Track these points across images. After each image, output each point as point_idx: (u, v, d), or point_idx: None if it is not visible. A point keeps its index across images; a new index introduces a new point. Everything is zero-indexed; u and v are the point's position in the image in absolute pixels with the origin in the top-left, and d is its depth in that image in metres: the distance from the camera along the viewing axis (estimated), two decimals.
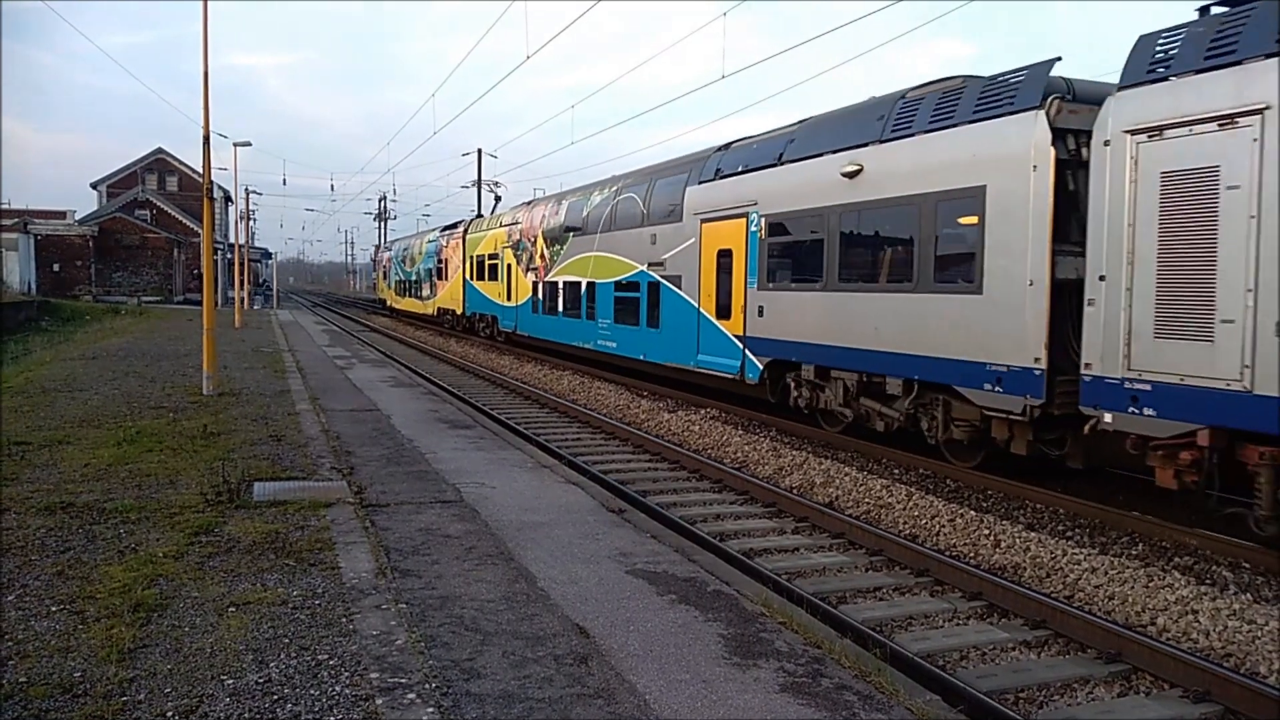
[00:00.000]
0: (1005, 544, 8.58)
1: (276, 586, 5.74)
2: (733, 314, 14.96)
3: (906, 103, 11.42)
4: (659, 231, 17.70)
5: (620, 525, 7.63)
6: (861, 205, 11.81)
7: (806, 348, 12.99)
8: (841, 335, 12.17)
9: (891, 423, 11.68)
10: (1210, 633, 6.60)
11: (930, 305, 10.63)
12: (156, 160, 66.19)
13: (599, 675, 4.58)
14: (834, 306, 12.35)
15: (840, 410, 12.66)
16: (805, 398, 13.40)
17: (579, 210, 22.51)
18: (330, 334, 35.04)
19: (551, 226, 24.40)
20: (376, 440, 11.30)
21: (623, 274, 19.38)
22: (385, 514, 7.67)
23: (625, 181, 20.38)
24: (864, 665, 4.89)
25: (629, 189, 19.76)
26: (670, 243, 17.10)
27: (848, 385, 12.38)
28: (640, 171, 19.89)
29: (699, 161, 16.81)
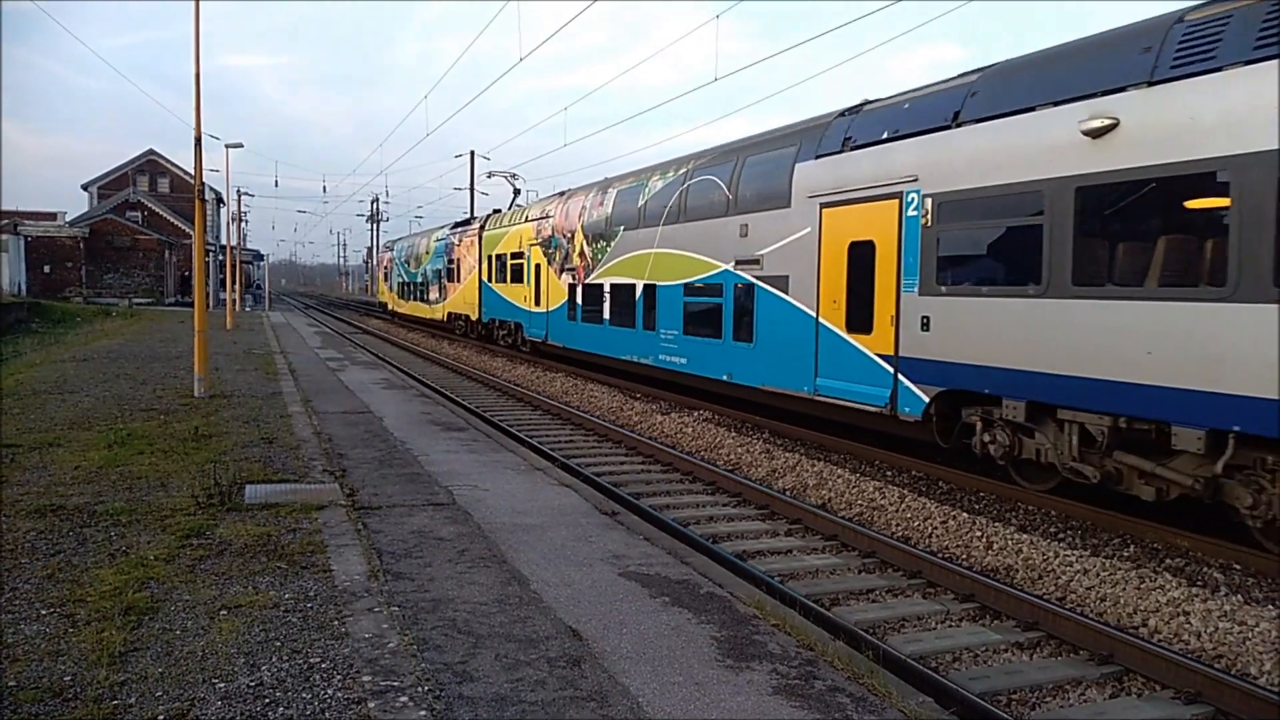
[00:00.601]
0: (998, 546, 8.59)
1: (268, 589, 5.72)
2: (874, 327, 11.41)
3: (1195, 25, 8.07)
4: (752, 221, 14.15)
5: (613, 527, 7.62)
6: (1118, 176, 8.33)
7: (1012, 376, 9.40)
8: (1082, 361, 8.63)
9: (1171, 490, 8.30)
10: (1201, 634, 6.62)
11: (1263, 319, 7.18)
12: (148, 162, 66.05)
13: (592, 678, 4.57)
14: (1065, 319, 8.79)
15: (1074, 466, 8.97)
16: (1001, 444, 9.78)
17: (632, 199, 18.94)
18: (322, 336, 34.96)
19: (595, 220, 20.79)
20: (369, 442, 11.27)
21: (697, 274, 15.92)
22: (377, 516, 7.65)
23: (699, 162, 16.48)
24: (857, 667, 4.89)
25: (705, 170, 16.08)
26: (770, 235, 13.57)
27: (1090, 432, 8.77)
28: (720, 149, 16.11)
29: (812, 131, 13.10)
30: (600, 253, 20.37)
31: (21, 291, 49.35)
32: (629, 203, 19.09)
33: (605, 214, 20.21)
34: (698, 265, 15.88)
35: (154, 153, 66.56)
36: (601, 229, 20.35)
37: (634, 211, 18.71)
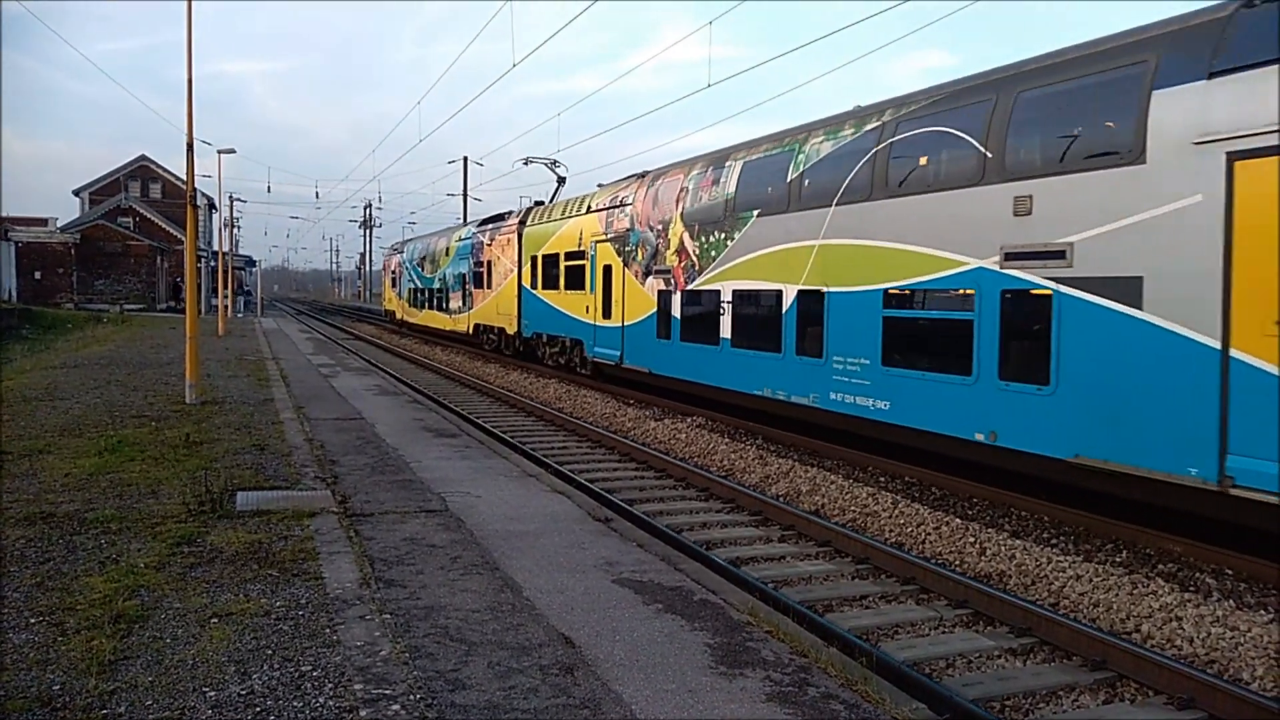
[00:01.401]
0: (991, 551, 8.60)
1: (259, 597, 5.69)
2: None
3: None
4: (1043, 191, 9.23)
5: (606, 534, 7.60)
6: None
7: None
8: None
9: None
10: (1194, 639, 6.63)
11: None
12: (140, 167, 65.84)
13: (585, 685, 4.56)
14: None
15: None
16: None
17: (771, 173, 13.87)
18: (315, 342, 34.88)
19: (704, 205, 15.62)
20: (361, 449, 11.24)
21: (912, 275, 10.90)
22: (370, 523, 7.62)
23: (910, 109, 11.28)
24: (850, 674, 4.88)
25: (925, 119, 10.96)
26: (1090, 210, 8.70)
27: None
28: (957, 86, 10.82)
29: (1193, 32, 8.17)
30: (715, 248, 15.08)
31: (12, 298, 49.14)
32: (767, 178, 13.91)
33: (723, 196, 14.95)
34: (914, 261, 10.82)
35: (146, 158, 66.35)
36: (717, 216, 15.09)
37: (777, 189, 13.58)
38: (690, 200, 16.20)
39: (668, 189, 17.20)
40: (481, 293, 30.12)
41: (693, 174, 16.38)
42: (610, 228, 19.68)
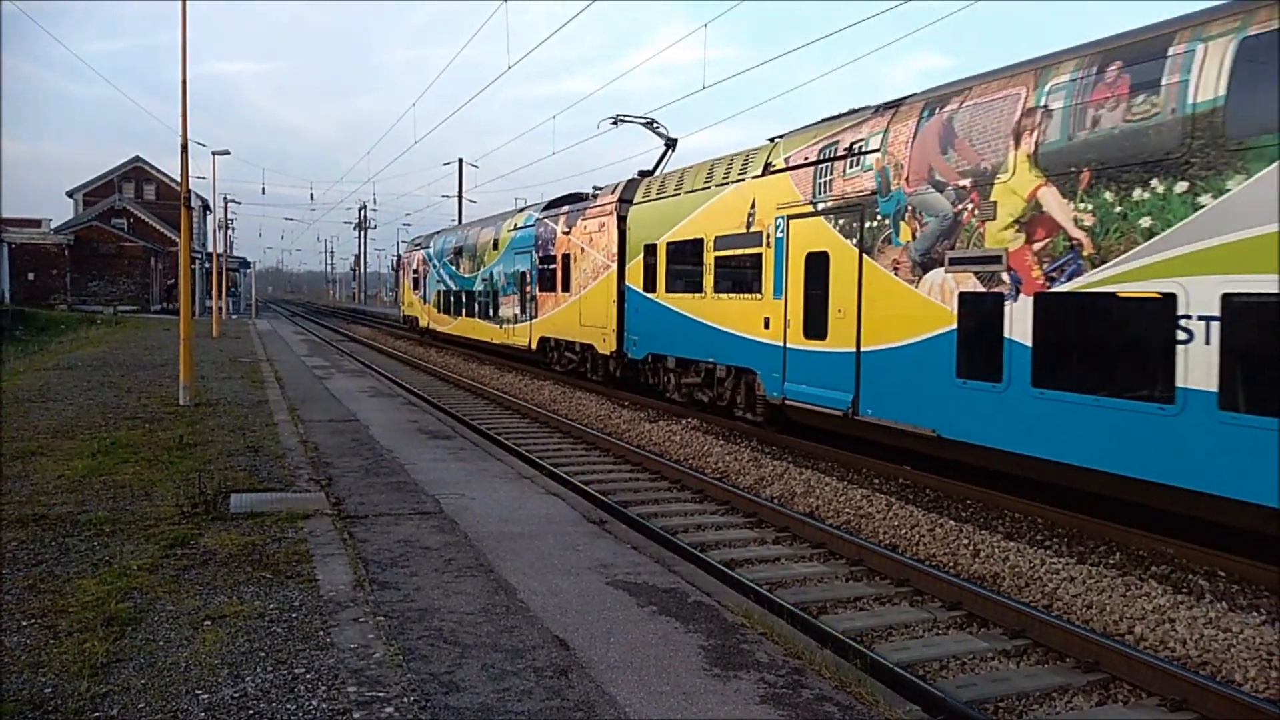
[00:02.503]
0: (984, 553, 8.61)
1: (253, 599, 5.68)
2: None
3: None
4: None
5: (601, 536, 7.60)
6: None
7: None
8: None
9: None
10: (1187, 641, 6.65)
11: None
12: (134, 169, 65.75)
13: (579, 687, 4.55)
14: None
15: None
16: None
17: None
18: (309, 344, 34.82)
19: (1107, 134, 8.42)
20: (355, 451, 11.22)
21: None
22: (364, 525, 7.61)
23: None
24: (844, 676, 4.89)
25: None
26: None
27: None
28: None
29: None
30: (1142, 212, 8.09)
31: (5, 299, 49.01)
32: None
33: (1179, 110, 7.81)
34: None
35: (140, 159, 66.26)
36: (1153, 151, 8.02)
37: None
38: (1059, 129, 8.89)
39: (984, 116, 9.76)
40: (551, 297, 22.60)
41: (1057, 81, 9.03)
42: (823, 193, 12.38)
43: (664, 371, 17.32)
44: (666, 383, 17.25)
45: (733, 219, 14.62)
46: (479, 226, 30.81)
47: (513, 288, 25.77)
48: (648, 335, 17.52)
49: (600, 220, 20.00)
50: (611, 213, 19.41)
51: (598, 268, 19.92)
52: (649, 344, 17.53)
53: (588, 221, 20.73)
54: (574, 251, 21.30)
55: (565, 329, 21.93)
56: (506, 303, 26.34)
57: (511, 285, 25.89)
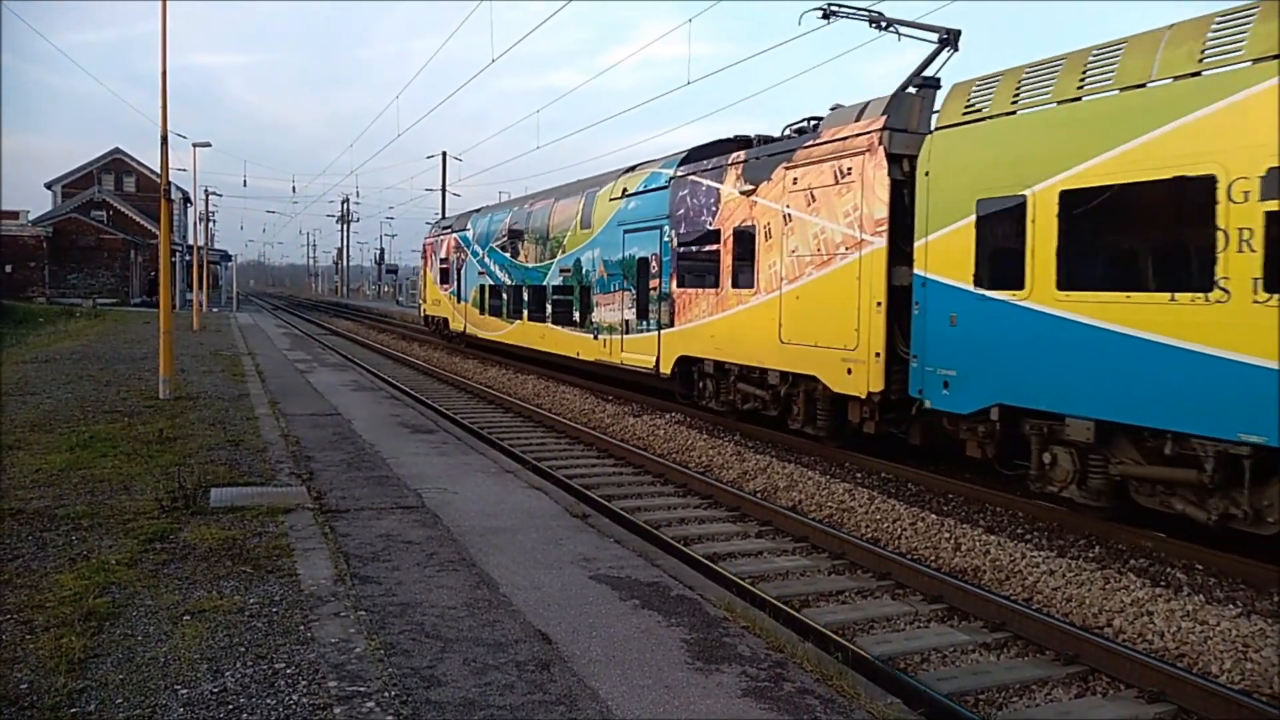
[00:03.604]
0: (966, 547, 8.66)
1: (233, 594, 5.64)
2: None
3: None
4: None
5: (584, 530, 7.60)
6: None
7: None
8: None
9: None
10: (1165, 634, 6.71)
11: None
12: (114, 160, 65.16)
13: (561, 681, 4.55)
14: None
15: None
16: None
17: None
18: (291, 338, 34.61)
19: None
20: (337, 445, 11.16)
21: None
22: (345, 520, 7.57)
23: None
24: (826, 669, 4.90)
25: None
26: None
27: None
28: None
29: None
30: None
31: None
32: None
33: None
34: None
35: (120, 151, 65.64)
36: None
37: None
38: None
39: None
40: (706, 295, 14.74)
41: None
42: None
43: (1043, 440, 9.22)
44: (1052, 465, 9.19)
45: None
46: (551, 200, 22.55)
47: (620, 281, 17.81)
48: (998, 369, 9.45)
49: (838, 165, 11.61)
50: (872, 149, 11.10)
51: (827, 247, 11.80)
52: (1002, 384, 9.42)
53: (801, 171, 12.30)
54: (764, 222, 13.13)
55: (742, 346, 13.75)
56: (606, 303, 18.37)
57: (618, 278, 17.90)
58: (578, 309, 19.74)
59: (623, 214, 17.78)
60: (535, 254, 22.59)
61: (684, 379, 15.86)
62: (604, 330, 18.45)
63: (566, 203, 21.14)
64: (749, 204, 13.51)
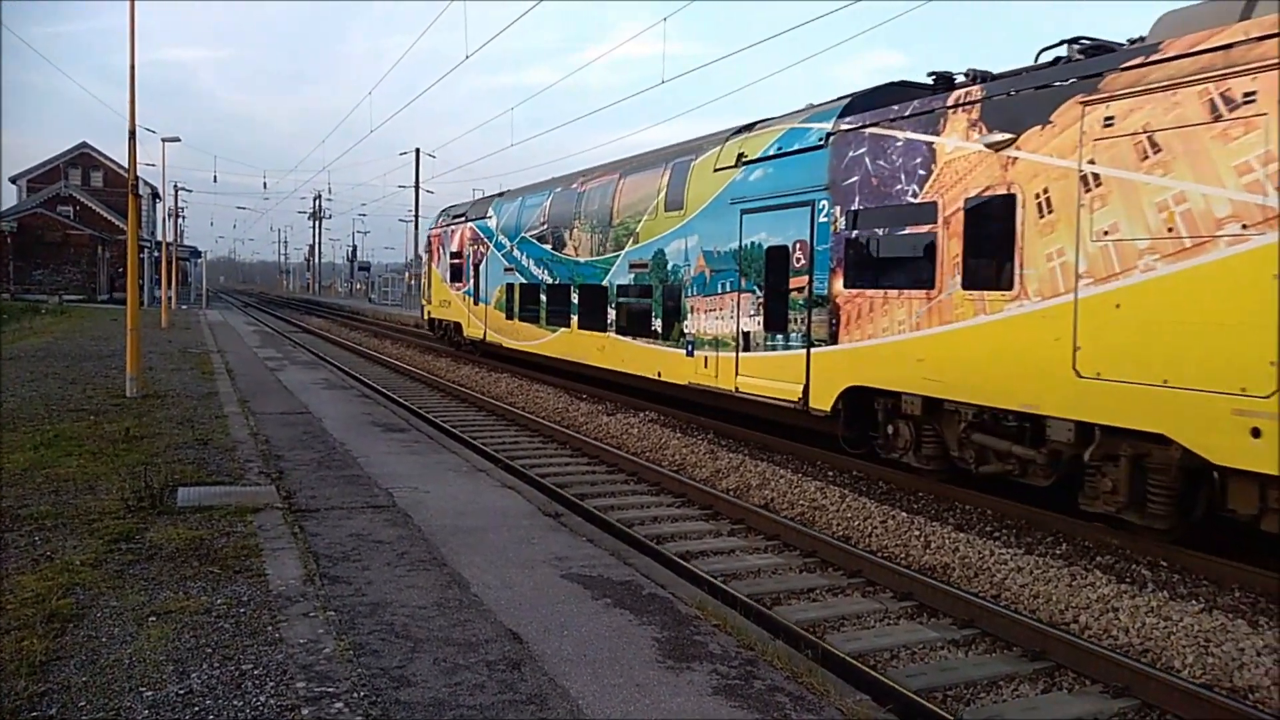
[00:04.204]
0: (935, 545, 8.73)
1: (200, 595, 5.58)
2: None
3: None
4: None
5: (556, 529, 7.59)
6: None
7: None
8: None
9: None
10: (1129, 629, 6.80)
11: None
12: (81, 155, 64.25)
13: (531, 681, 4.54)
14: None
15: None
16: None
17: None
18: (261, 335, 34.28)
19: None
20: (307, 444, 11.07)
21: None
22: (315, 519, 7.51)
23: None
24: (796, 666, 4.93)
25: None
26: None
27: None
28: None
29: None
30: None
31: None
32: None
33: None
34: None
35: (87, 146, 64.74)
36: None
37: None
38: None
39: None
40: (890, 302, 10.42)
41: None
42: None
43: None
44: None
45: None
46: (613, 176, 17.54)
47: (732, 279, 13.28)
48: None
49: (1217, 91, 7.17)
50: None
51: (1194, 225, 7.28)
52: None
53: (1126, 105, 7.84)
54: (1034, 188, 8.64)
55: (983, 379, 9.22)
56: (708, 309, 13.85)
57: (728, 275, 13.36)
58: (658, 316, 15.14)
59: (739, 188, 13.06)
60: (590, 245, 18.03)
61: (854, 419, 11.29)
62: (703, 345, 13.70)
63: (639, 179, 16.47)
64: (999, 162, 9.01)
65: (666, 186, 15.27)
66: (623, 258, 16.66)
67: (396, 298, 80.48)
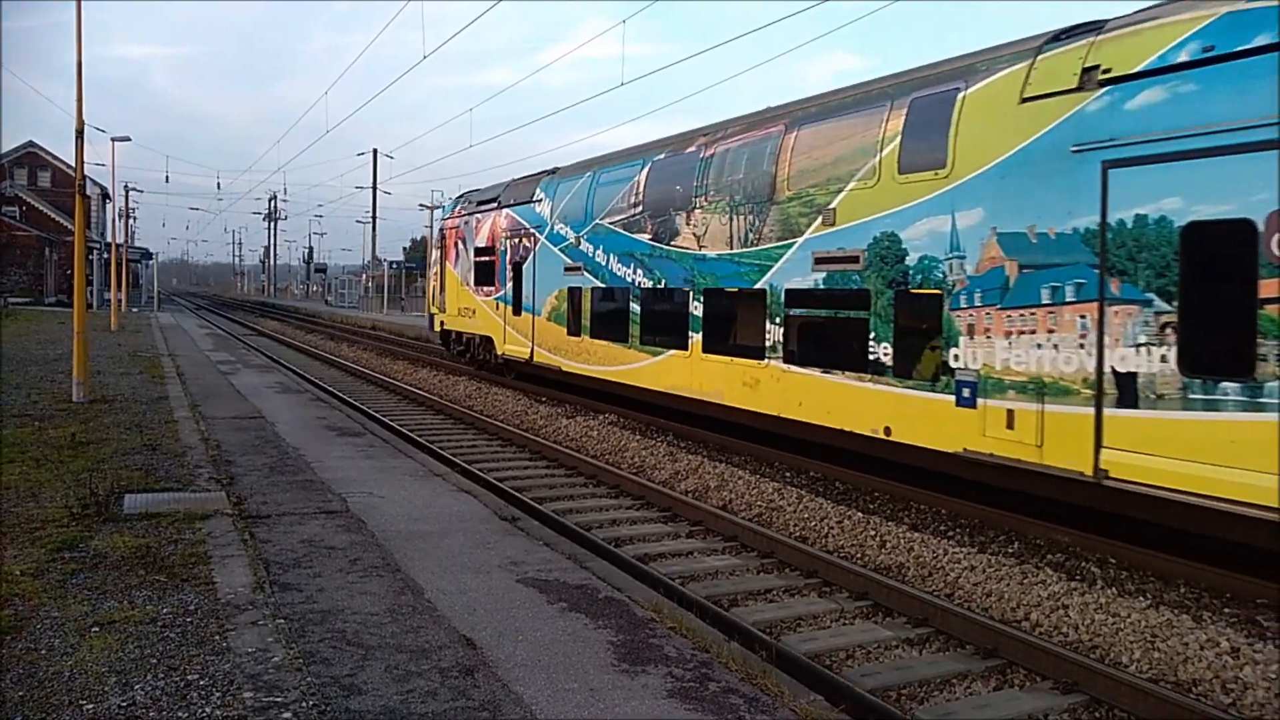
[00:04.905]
0: (890, 544, 8.81)
1: (145, 604, 5.46)
2: None
3: None
4: None
5: (513, 533, 7.53)
6: None
7: None
8: None
9: None
10: (1079, 626, 6.91)
11: None
12: (27, 154, 62.62)
13: (485, 687, 4.50)
14: None
15: None
16: None
17: None
18: (214, 338, 33.70)
19: None
20: (260, 449, 10.89)
21: None
22: (266, 525, 7.39)
23: None
24: (751, 668, 4.94)
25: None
26: None
27: None
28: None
29: None
30: None
31: None
32: None
33: None
34: None
35: (34, 145, 63.11)
36: None
37: None
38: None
39: None
40: None
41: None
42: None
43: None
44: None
45: None
46: (774, 129, 12.23)
47: (1073, 281, 8.09)
48: None
49: None
50: None
51: None
52: None
53: None
54: None
55: None
56: (1005, 329, 8.68)
57: (1069, 272, 8.12)
58: (883, 338, 10.03)
59: (1093, 124, 7.91)
60: (729, 233, 12.59)
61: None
62: (1004, 390, 8.61)
63: (830, 129, 11.16)
64: None
65: (902, 135, 9.92)
66: (798, 249, 11.27)
67: (354, 300, 79.57)
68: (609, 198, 15.73)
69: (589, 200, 16.43)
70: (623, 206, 15.23)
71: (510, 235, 19.70)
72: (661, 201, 14.16)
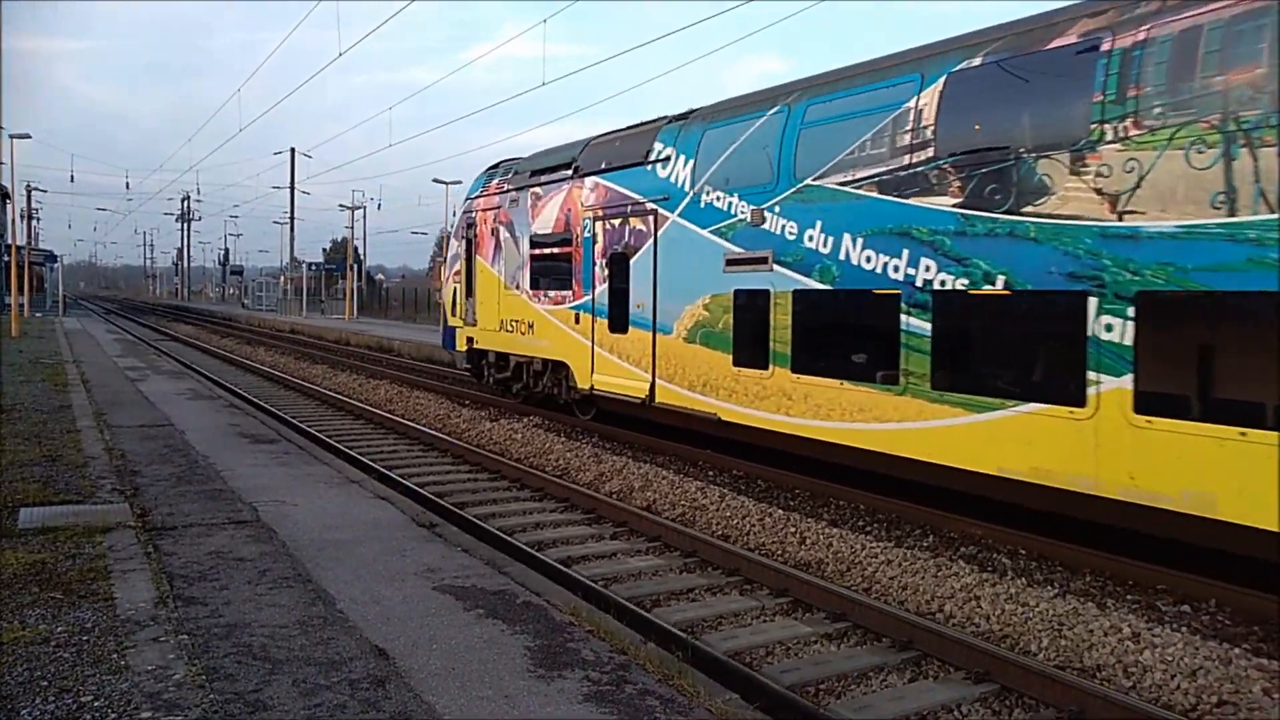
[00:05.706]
0: (810, 540, 8.92)
1: (37, 623, 5.20)
2: None
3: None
4: None
5: (431, 540, 7.40)
6: None
7: None
8: None
9: None
10: (991, 617, 7.08)
11: None
12: None
13: (396, 698, 4.40)
14: None
15: None
16: None
17: None
18: (123, 344, 32.49)
19: None
20: (167, 458, 10.51)
21: None
22: (171, 538, 7.12)
23: None
24: (668, 668, 4.93)
25: None
26: None
27: None
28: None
29: None
30: None
31: None
32: None
33: None
34: None
35: None
36: None
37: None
38: None
39: None
40: None
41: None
42: None
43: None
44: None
45: None
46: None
47: None
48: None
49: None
50: None
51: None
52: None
53: None
54: None
55: None
56: None
57: None
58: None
59: None
60: (1203, 183, 6.68)
61: None
62: None
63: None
64: None
65: None
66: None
67: (272, 303, 77.61)
68: (834, 142, 9.94)
69: (781, 150, 10.61)
70: (875, 155, 9.46)
71: (603, 215, 13.91)
72: (991, 138, 8.43)
